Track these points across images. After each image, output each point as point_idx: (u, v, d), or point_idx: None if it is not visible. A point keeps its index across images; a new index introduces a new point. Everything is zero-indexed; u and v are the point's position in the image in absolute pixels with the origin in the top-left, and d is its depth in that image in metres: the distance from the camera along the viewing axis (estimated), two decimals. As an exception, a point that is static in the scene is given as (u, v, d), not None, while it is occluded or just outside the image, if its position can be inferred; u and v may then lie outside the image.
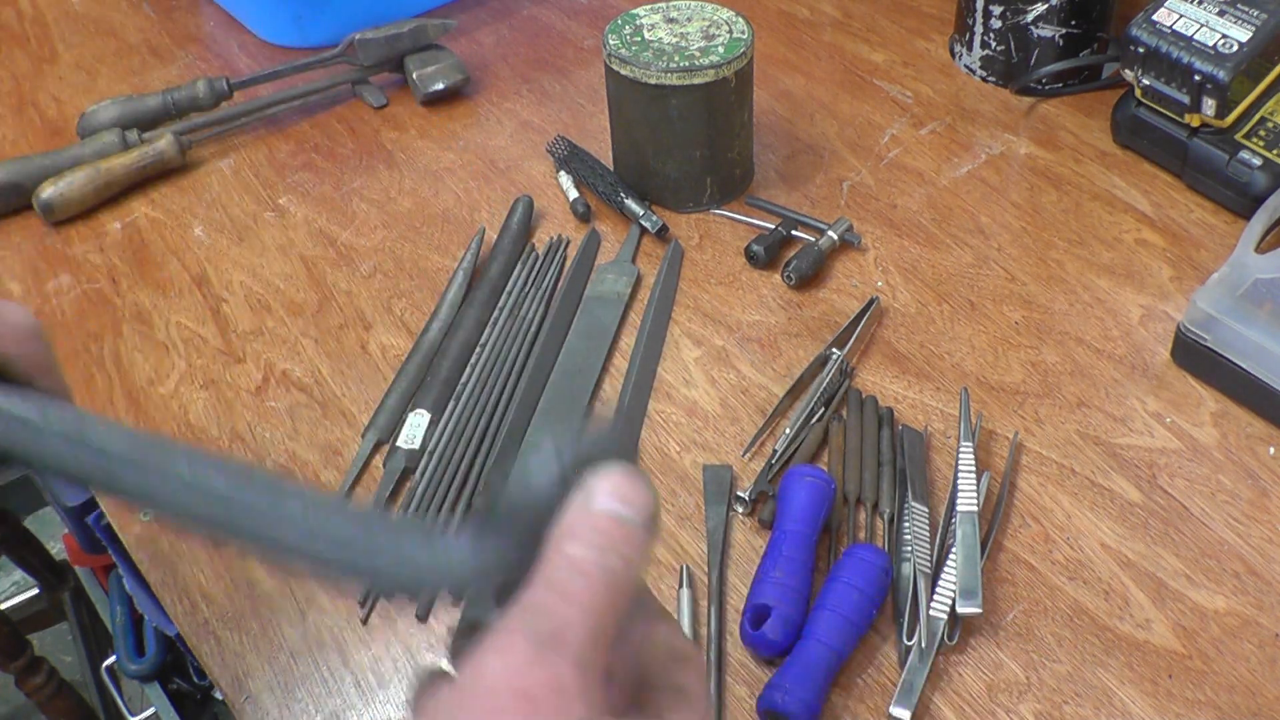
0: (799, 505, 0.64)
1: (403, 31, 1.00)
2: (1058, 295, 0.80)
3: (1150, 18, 0.85)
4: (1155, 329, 0.77)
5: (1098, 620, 0.62)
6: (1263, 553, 0.65)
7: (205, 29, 1.13)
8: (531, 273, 0.83)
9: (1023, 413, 0.73)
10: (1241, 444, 0.70)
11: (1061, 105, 0.97)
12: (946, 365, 0.76)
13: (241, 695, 0.61)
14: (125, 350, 0.80)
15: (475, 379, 0.76)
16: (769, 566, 0.62)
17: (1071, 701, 0.59)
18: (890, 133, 0.95)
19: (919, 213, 0.87)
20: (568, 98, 1.01)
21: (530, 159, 0.94)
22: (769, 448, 0.71)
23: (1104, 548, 0.66)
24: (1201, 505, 0.67)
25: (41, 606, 1.63)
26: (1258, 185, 0.82)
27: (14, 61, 1.10)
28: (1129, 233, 0.85)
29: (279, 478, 0.36)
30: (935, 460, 0.70)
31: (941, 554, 0.64)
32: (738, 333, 0.79)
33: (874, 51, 1.04)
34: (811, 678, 0.57)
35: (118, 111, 0.95)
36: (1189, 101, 0.83)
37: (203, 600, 0.65)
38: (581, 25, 1.10)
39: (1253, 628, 0.62)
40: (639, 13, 0.85)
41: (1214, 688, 0.59)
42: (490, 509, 0.36)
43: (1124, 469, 0.69)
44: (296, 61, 1.02)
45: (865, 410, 0.72)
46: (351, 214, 0.90)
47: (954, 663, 0.61)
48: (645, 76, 0.81)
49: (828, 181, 0.90)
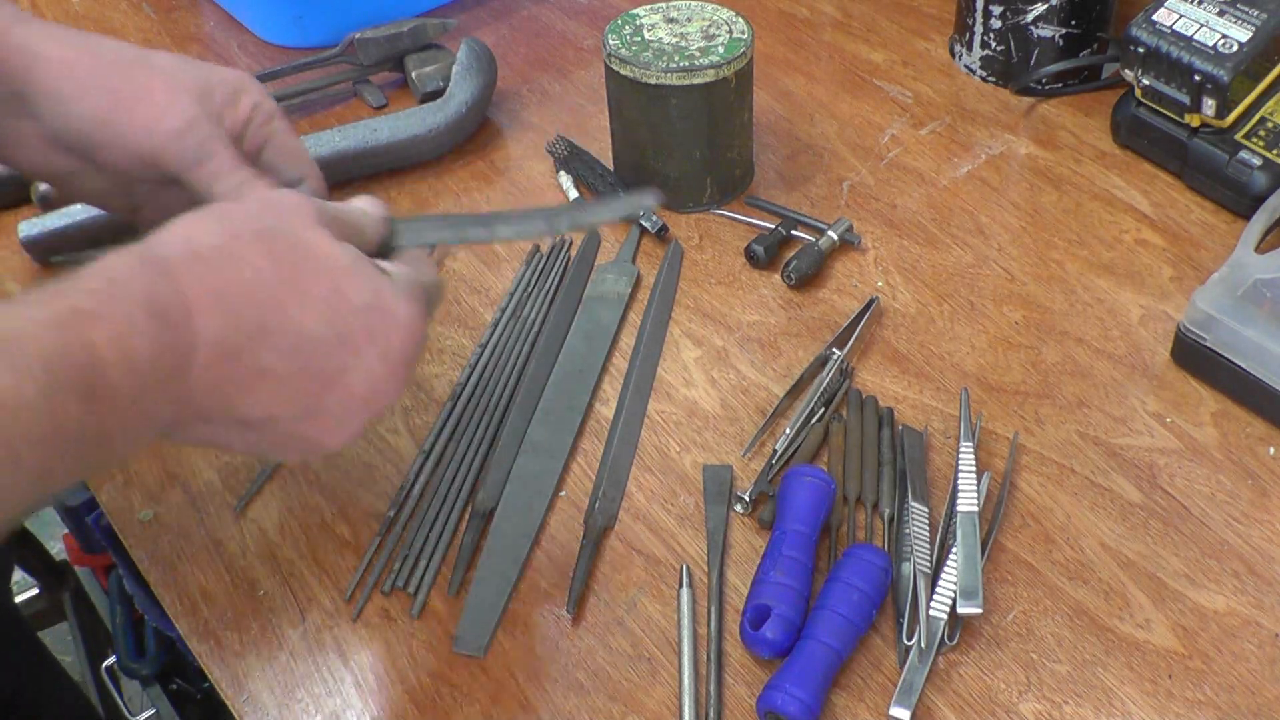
0: (799, 505, 0.64)
1: (403, 31, 1.00)
2: (1058, 295, 0.80)
3: (1150, 18, 0.85)
4: (1155, 329, 0.77)
5: (1098, 620, 0.62)
6: (1263, 553, 0.65)
7: (205, 29, 1.13)
8: (535, 273, 0.83)
9: (1023, 413, 0.73)
10: (1241, 444, 0.70)
11: (1061, 105, 0.97)
12: (946, 365, 0.76)
13: (241, 695, 0.61)
14: (125, 350, 0.80)
15: (476, 379, 0.76)
16: (769, 566, 0.62)
17: (1071, 701, 0.59)
18: (890, 133, 0.95)
19: (919, 213, 0.87)
20: (568, 98, 1.01)
21: (530, 159, 0.94)
22: (769, 448, 0.71)
23: (1104, 548, 0.66)
24: (1201, 505, 0.67)
25: (41, 606, 1.63)
26: (1258, 185, 0.82)
27: (14, 61, 1.09)
28: (1129, 233, 0.85)
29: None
30: (935, 460, 0.70)
31: (941, 554, 0.65)
32: (738, 333, 0.79)
33: (874, 51, 1.04)
34: (811, 678, 0.57)
35: (118, 111, 0.95)
36: (1189, 101, 0.83)
37: (203, 600, 0.65)
38: (581, 25, 1.10)
39: (1253, 628, 0.62)
40: (639, 13, 0.85)
41: (1214, 688, 0.59)
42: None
43: (1124, 469, 0.69)
44: (296, 61, 1.02)
45: (865, 410, 0.72)
46: (351, 214, 0.90)
47: (954, 663, 0.61)
48: (645, 76, 0.81)
49: (828, 181, 0.90)
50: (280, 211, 0.51)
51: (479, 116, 0.95)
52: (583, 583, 0.65)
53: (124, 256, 0.46)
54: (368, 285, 0.51)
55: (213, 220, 0.50)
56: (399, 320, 0.52)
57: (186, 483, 0.71)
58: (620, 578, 0.65)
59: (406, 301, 0.52)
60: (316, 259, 0.50)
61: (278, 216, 0.51)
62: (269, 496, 0.70)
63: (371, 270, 0.52)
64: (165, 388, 0.45)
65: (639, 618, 0.64)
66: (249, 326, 0.47)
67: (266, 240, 0.49)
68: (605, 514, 0.68)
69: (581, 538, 0.67)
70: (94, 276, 0.45)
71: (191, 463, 0.72)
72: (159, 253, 0.47)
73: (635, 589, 0.65)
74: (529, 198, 0.90)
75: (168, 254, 0.47)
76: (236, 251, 0.48)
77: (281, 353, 0.48)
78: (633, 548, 0.67)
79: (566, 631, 0.63)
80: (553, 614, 0.64)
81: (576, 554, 0.66)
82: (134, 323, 0.44)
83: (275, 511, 0.69)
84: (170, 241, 0.48)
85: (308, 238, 0.50)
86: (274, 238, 0.49)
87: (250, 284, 0.48)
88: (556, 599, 0.65)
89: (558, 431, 0.73)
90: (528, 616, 0.64)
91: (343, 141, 0.90)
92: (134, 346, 0.43)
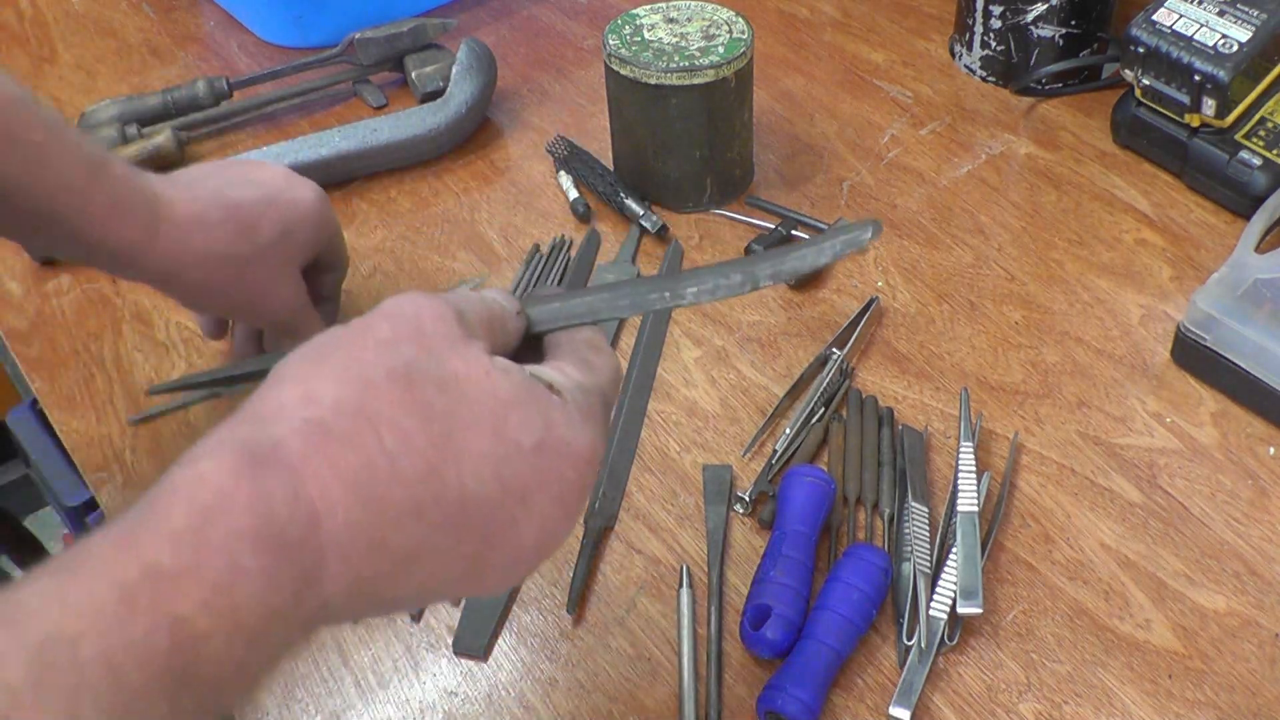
0: (799, 505, 0.64)
1: (402, 31, 1.00)
2: (1058, 295, 0.80)
3: (1150, 18, 0.85)
4: (1155, 329, 0.77)
5: (1098, 620, 0.62)
6: (1263, 553, 0.65)
7: (205, 29, 1.13)
8: (535, 273, 0.83)
9: (1023, 413, 0.73)
10: (1241, 444, 0.70)
11: (1061, 105, 0.97)
12: (946, 365, 0.76)
13: (241, 695, 0.61)
14: (125, 350, 0.80)
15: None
16: (769, 566, 0.62)
17: (1071, 701, 0.59)
18: (890, 133, 0.95)
19: (919, 213, 0.87)
20: (568, 98, 1.01)
21: (530, 159, 0.94)
22: (769, 448, 0.71)
23: (1104, 548, 0.66)
24: (1201, 505, 0.67)
25: (41, 606, 1.63)
26: (1258, 185, 0.82)
27: (14, 61, 1.10)
28: (1129, 233, 0.85)
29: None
30: (935, 460, 0.70)
31: (941, 554, 0.64)
32: (738, 333, 0.79)
33: (874, 51, 1.04)
34: (811, 678, 0.57)
35: (118, 111, 0.95)
36: (1189, 101, 0.83)
37: (202, 600, 0.65)
38: (581, 25, 1.10)
39: (1253, 628, 0.62)
40: (639, 13, 0.85)
41: (1214, 688, 0.59)
42: None
43: (1124, 469, 0.69)
44: (296, 61, 1.02)
45: (865, 410, 0.72)
46: (351, 213, 0.90)
47: (954, 663, 0.61)
48: (645, 76, 0.81)
49: (828, 181, 0.90)
50: (416, 331, 0.41)
51: (479, 116, 0.95)
52: (582, 583, 0.65)
53: (220, 454, 0.36)
54: (536, 418, 0.41)
55: (336, 366, 0.39)
56: (575, 452, 0.42)
57: (186, 483, 0.71)
58: (620, 578, 0.65)
59: (581, 424, 0.43)
60: (472, 401, 0.40)
61: (414, 340, 0.40)
62: (269, 496, 0.70)
63: (536, 394, 0.42)
64: (283, 623, 0.35)
65: (639, 618, 0.64)
66: (395, 510, 0.37)
67: (407, 384, 0.39)
68: (605, 514, 0.68)
69: (581, 537, 0.67)
70: (178, 501, 0.34)
71: (191, 463, 0.72)
72: (269, 435, 0.37)
73: (635, 589, 0.65)
74: (529, 198, 0.90)
75: (280, 435, 0.37)
76: (372, 410, 0.38)
77: (436, 526, 0.39)
78: (633, 548, 0.67)
79: (566, 632, 0.63)
80: (553, 614, 0.64)
81: (576, 554, 0.66)
82: (238, 566, 0.34)
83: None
84: (282, 412, 0.38)
85: (455, 369, 0.40)
86: (415, 380, 0.39)
87: (394, 454, 0.38)
88: (556, 599, 0.65)
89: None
90: (528, 617, 0.64)
91: (343, 141, 0.90)
92: (239, 599, 0.34)
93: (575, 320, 0.48)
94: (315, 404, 0.38)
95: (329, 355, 0.40)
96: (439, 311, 0.42)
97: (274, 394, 0.39)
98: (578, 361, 0.46)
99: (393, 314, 0.41)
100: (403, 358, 0.39)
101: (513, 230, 0.88)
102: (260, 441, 0.36)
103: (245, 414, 0.38)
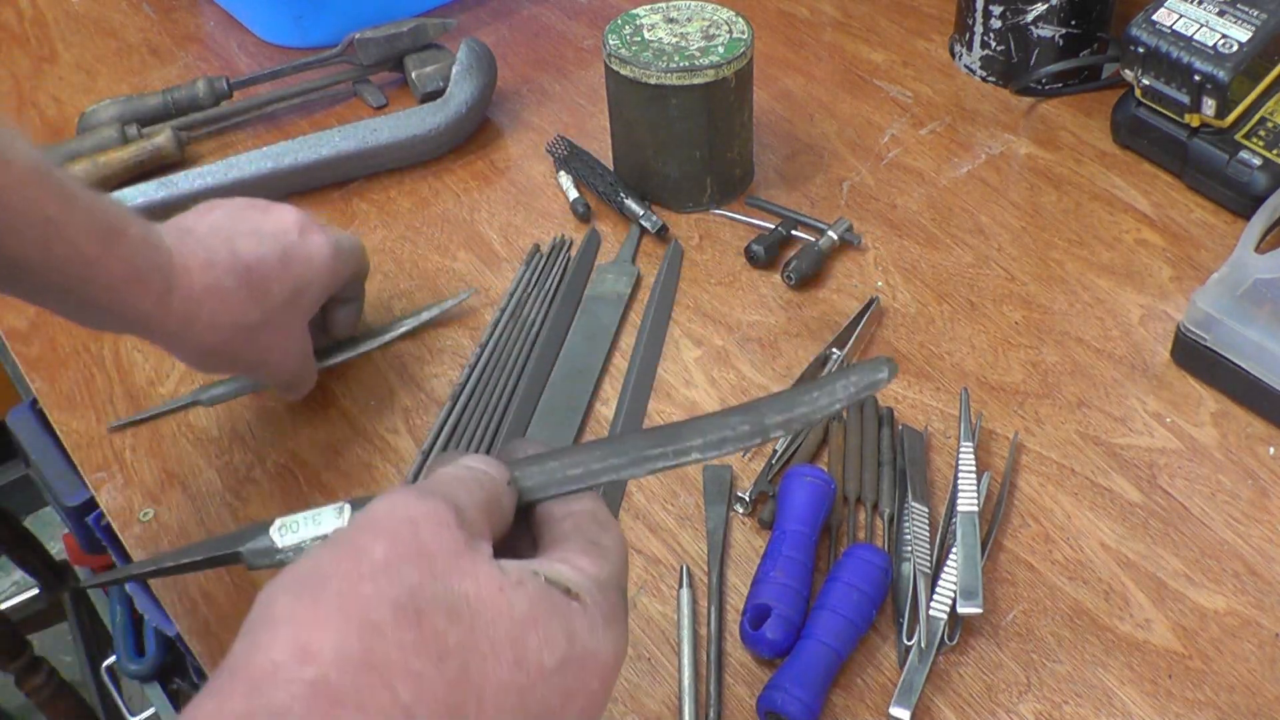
0: (799, 505, 0.64)
1: (402, 31, 1.00)
2: (1058, 295, 0.80)
3: (1150, 18, 0.85)
4: (1155, 329, 0.77)
5: (1098, 620, 0.62)
6: (1263, 553, 0.65)
7: (205, 29, 1.13)
8: (535, 273, 0.83)
9: (1023, 413, 0.73)
10: (1241, 444, 0.70)
11: (1061, 105, 0.97)
12: (946, 365, 0.76)
13: (241, 695, 0.61)
14: (125, 350, 0.80)
15: (476, 379, 0.76)
16: (769, 566, 0.62)
17: (1071, 701, 0.59)
18: (890, 133, 0.95)
19: (919, 213, 0.87)
20: (568, 98, 1.01)
21: (530, 159, 0.94)
22: (769, 448, 0.71)
23: (1104, 548, 0.66)
24: (1201, 505, 0.67)
25: (41, 606, 1.63)
26: (1258, 185, 0.82)
27: (14, 61, 1.10)
28: (1129, 233, 0.85)
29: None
30: (935, 460, 0.70)
31: (941, 554, 0.65)
32: (738, 333, 0.79)
33: (874, 51, 1.04)
34: (811, 678, 0.57)
35: (118, 111, 0.95)
36: (1189, 101, 0.83)
37: (203, 600, 0.65)
38: (581, 25, 1.10)
39: (1253, 628, 0.62)
40: (639, 13, 0.85)
41: (1214, 688, 0.59)
42: None
43: (1124, 469, 0.69)
44: (296, 61, 1.02)
45: (865, 410, 0.72)
46: (351, 213, 0.90)
47: (954, 663, 0.61)
48: (645, 76, 0.81)
49: (828, 181, 0.90)
50: (416, 549, 0.37)
51: (479, 116, 0.95)
52: (583, 583, 0.65)
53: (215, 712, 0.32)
54: (558, 634, 0.38)
55: (332, 607, 0.35)
56: (601, 663, 0.39)
57: (186, 482, 0.71)
58: (620, 578, 0.65)
59: (604, 630, 0.40)
60: (487, 625, 0.36)
61: (415, 560, 0.36)
62: (269, 496, 0.70)
63: (555, 605, 0.38)
64: None
65: (639, 618, 0.64)
66: None
67: (415, 619, 0.35)
68: (605, 514, 0.68)
69: (581, 538, 0.67)
70: None
71: (192, 462, 0.72)
72: (269, 705, 0.33)
73: (635, 589, 0.65)
74: (529, 198, 0.90)
75: (282, 705, 0.32)
76: (380, 659, 0.34)
77: None
78: (633, 548, 0.67)
79: (566, 631, 0.63)
80: (553, 614, 0.64)
81: (576, 554, 0.66)
82: None
83: (275, 511, 0.69)
84: (279, 673, 0.33)
85: (465, 591, 0.36)
86: (424, 611, 0.35)
87: (410, 707, 0.34)
88: (556, 599, 0.64)
89: (558, 431, 0.73)
90: (528, 616, 0.64)
91: (343, 141, 0.90)
92: None
93: (571, 486, 0.44)
94: (316, 660, 0.33)
95: (322, 591, 0.35)
96: (437, 517, 0.38)
97: (266, 645, 0.34)
98: (587, 547, 0.42)
99: (387, 528, 0.37)
100: (406, 585, 0.35)
101: (513, 230, 0.88)
102: (254, 706, 0.32)
103: (236, 675, 0.34)
